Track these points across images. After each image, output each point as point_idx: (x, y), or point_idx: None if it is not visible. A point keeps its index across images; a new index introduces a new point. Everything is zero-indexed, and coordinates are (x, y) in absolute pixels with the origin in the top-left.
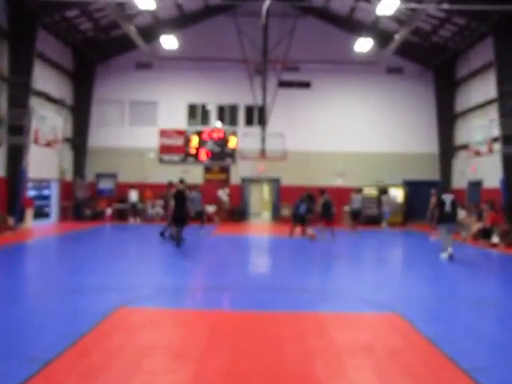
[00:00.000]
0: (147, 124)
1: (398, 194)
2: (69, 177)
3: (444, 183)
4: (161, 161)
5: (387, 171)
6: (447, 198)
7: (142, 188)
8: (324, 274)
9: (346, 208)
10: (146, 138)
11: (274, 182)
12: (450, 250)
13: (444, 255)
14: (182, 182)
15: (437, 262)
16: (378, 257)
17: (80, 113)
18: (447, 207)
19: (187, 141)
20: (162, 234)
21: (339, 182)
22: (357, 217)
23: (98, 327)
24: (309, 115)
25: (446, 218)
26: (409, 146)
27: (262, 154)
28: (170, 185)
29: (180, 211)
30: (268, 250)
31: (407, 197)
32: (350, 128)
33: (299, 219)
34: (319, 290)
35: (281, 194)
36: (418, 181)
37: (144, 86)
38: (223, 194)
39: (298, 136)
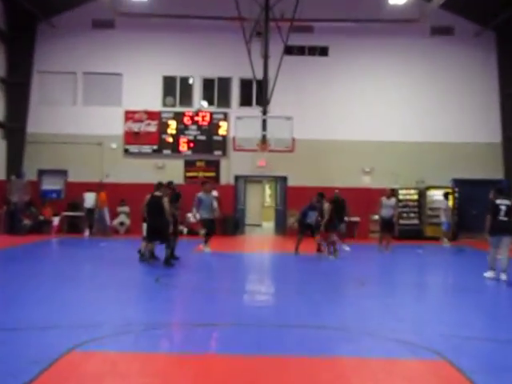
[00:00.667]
0: (108, 103)
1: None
2: (0, 174)
3: (506, 183)
4: (126, 153)
5: (431, 167)
6: (503, 203)
7: (102, 189)
8: (345, 306)
9: (375, 217)
10: (107, 123)
11: (279, 182)
12: (503, 269)
13: (488, 274)
14: (170, 184)
15: (497, 290)
16: (417, 282)
17: (15, 88)
18: (502, 215)
19: (162, 126)
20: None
21: (366, 182)
22: (389, 228)
23: (40, 378)
24: (325, 92)
25: (498, 228)
26: (461, 133)
27: (263, 144)
28: (167, 186)
29: (154, 222)
30: (270, 271)
31: (458, 202)
32: (381, 110)
33: (306, 228)
34: (339, 326)
35: (287, 197)
36: (474, 180)
37: (103, 52)
38: (213, 199)
39: (310, 121)
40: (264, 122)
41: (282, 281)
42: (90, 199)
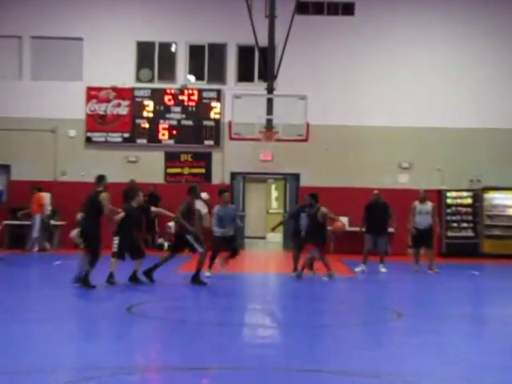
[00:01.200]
0: (64, 77)
1: (509, 203)
2: None
3: None
4: (89, 142)
5: (490, 162)
6: None
7: (56, 190)
8: (376, 344)
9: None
10: (63, 103)
11: (289, 181)
12: None
13: None
14: (192, 191)
15: None
16: (472, 314)
17: None
18: None
19: (136, 108)
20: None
21: (403, 181)
22: (425, 241)
23: None
24: (350, 64)
25: None
26: None
27: (268, 131)
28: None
29: (130, 236)
30: (276, 298)
31: None
32: (425, 87)
33: (301, 241)
34: (369, 372)
35: (300, 201)
36: None
37: (58, 10)
38: (199, 203)
39: (330, 101)
40: (270, 102)
41: (291, 310)
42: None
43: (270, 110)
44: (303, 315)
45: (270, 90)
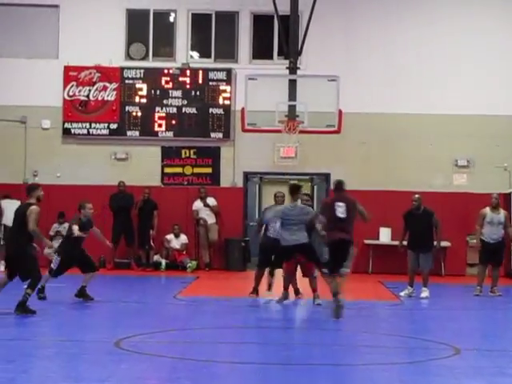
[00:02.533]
0: (36, 54)
1: None
2: None
3: None
4: (67, 135)
5: None
6: None
7: (25, 195)
8: None
9: (474, 240)
10: (34, 86)
11: (317, 183)
12: None
13: None
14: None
15: None
16: None
17: None
18: None
19: (126, 92)
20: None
21: (460, 183)
22: (496, 258)
23: None
24: (394, 37)
25: None
26: None
27: (291, 121)
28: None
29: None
30: (308, 328)
31: None
32: (488, 67)
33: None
34: None
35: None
36: None
37: None
38: (205, 210)
39: (368, 84)
40: (292, 84)
41: (318, 345)
42: (11, 211)
43: (292, 95)
44: (333, 351)
45: (293, 69)
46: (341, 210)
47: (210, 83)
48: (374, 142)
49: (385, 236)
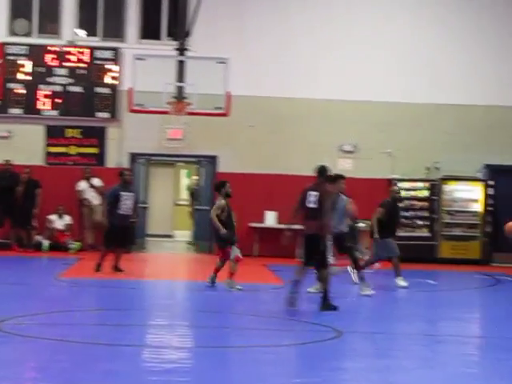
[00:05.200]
0: None
1: (472, 196)
2: None
3: None
4: None
5: (450, 147)
6: None
7: None
8: (308, 370)
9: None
10: None
11: (204, 166)
12: None
13: None
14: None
15: None
16: (427, 333)
17: None
18: None
19: (8, 69)
20: None
21: (346, 167)
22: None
23: None
24: (284, 20)
25: None
26: (500, 93)
27: (179, 102)
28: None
29: None
30: (184, 312)
31: (494, 203)
32: (376, 56)
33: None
34: None
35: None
36: None
37: None
38: (90, 191)
39: (258, 66)
40: (181, 65)
41: (202, 328)
42: None
43: (181, 76)
44: (219, 334)
45: (182, 50)
46: (312, 199)
47: (97, 62)
48: (262, 125)
49: (270, 219)
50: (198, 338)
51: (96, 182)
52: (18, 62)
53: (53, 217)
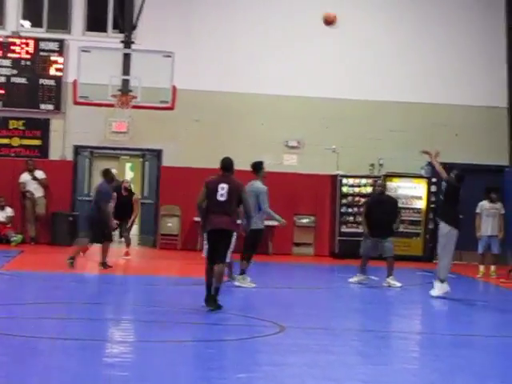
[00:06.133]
0: None
1: (415, 193)
2: None
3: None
4: None
5: (394, 144)
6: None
7: None
8: (251, 366)
9: (303, 220)
10: None
11: (148, 160)
12: None
13: None
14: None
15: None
16: (369, 329)
17: None
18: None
19: None
20: None
21: (291, 162)
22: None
23: None
24: (231, 14)
25: None
26: (445, 89)
27: (124, 95)
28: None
29: None
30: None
31: (436, 199)
32: (321, 51)
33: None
34: None
35: (161, 185)
36: (464, 165)
37: None
38: (33, 183)
39: (204, 60)
40: (126, 58)
41: (141, 322)
42: None
43: (126, 69)
44: (161, 327)
45: (128, 43)
46: (222, 192)
47: (42, 53)
48: (208, 119)
49: None
50: (140, 332)
51: (39, 174)
52: None
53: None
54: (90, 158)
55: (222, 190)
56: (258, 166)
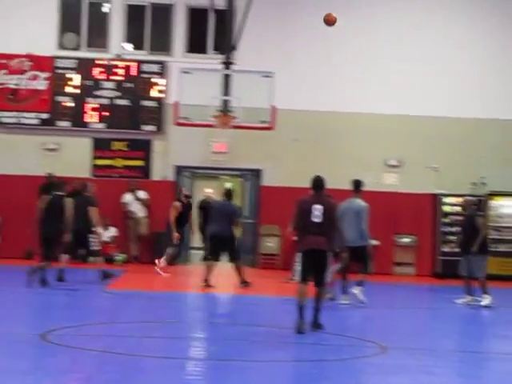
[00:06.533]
0: None
1: None
2: None
3: None
4: None
5: (498, 162)
6: None
7: None
8: None
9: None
10: None
11: (249, 180)
12: None
13: None
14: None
15: None
16: (472, 350)
17: None
18: None
19: (58, 82)
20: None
21: (391, 181)
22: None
23: None
24: (329, 35)
25: None
26: None
27: (224, 116)
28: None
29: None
30: (217, 321)
31: None
32: (422, 69)
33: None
34: None
35: (262, 204)
36: None
37: None
38: (135, 204)
39: (303, 80)
40: (226, 79)
41: (234, 340)
42: None
43: (226, 90)
44: (261, 347)
45: (228, 64)
46: (317, 213)
47: (144, 75)
48: (306, 139)
49: None
50: (242, 351)
51: (141, 194)
52: (67, 75)
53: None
54: (190, 178)
55: (317, 211)
56: (359, 184)
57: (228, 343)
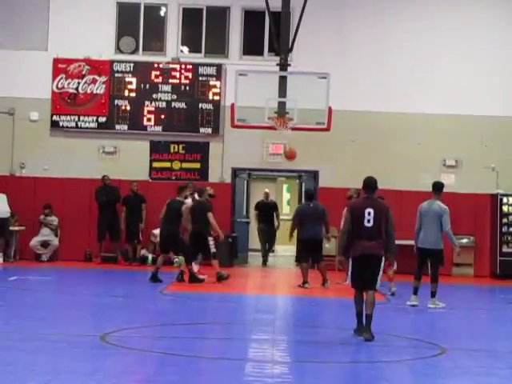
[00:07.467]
0: (25, 46)
1: None
2: None
3: None
4: (55, 128)
5: None
6: None
7: (13, 187)
8: None
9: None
10: (23, 78)
11: (306, 181)
12: None
13: None
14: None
15: None
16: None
17: None
18: None
19: (115, 86)
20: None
21: (449, 182)
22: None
23: None
24: (386, 35)
25: None
26: None
27: (281, 117)
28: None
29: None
30: (278, 324)
31: None
32: (481, 68)
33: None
34: None
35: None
36: None
37: None
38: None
39: (360, 81)
40: (283, 81)
41: (298, 343)
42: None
43: (283, 91)
44: (320, 349)
45: (284, 65)
46: (369, 217)
47: (200, 78)
48: (363, 140)
49: None
50: (300, 352)
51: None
52: (125, 79)
53: (157, 231)
54: (247, 180)
55: (369, 215)
56: (440, 186)
57: (284, 344)
